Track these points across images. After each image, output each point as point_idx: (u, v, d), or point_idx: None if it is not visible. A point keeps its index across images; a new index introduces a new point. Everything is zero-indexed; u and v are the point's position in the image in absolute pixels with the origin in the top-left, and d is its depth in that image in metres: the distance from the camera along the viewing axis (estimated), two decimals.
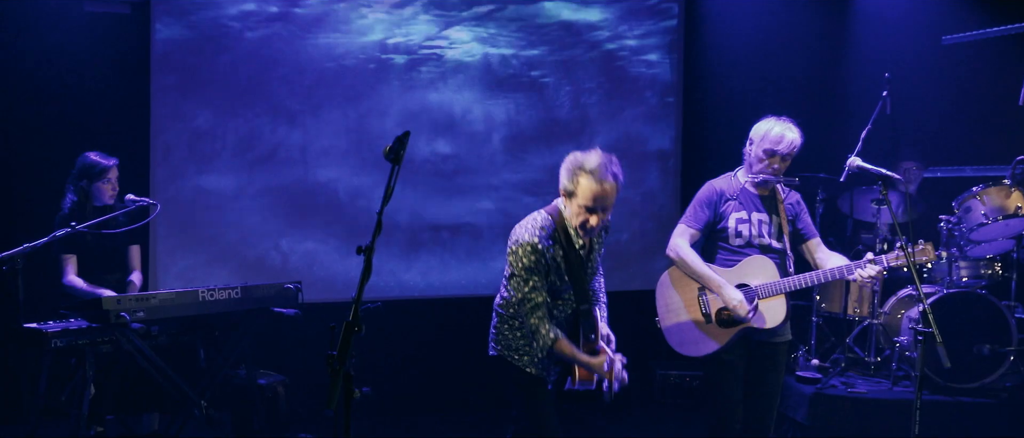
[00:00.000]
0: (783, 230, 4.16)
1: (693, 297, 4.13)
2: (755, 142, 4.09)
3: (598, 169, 3.38)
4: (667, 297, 4.18)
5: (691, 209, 4.18)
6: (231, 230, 6.17)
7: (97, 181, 4.85)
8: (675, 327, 4.15)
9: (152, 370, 4.42)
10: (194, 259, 6.09)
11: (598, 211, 3.42)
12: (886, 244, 5.96)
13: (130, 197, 4.87)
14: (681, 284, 4.15)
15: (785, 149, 4.03)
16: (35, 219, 5.04)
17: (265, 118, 6.21)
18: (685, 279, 4.14)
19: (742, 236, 4.11)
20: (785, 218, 4.18)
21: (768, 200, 4.18)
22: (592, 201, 3.40)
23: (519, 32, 6.74)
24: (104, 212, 4.86)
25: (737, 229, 4.11)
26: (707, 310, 4.10)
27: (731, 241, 4.12)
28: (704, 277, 4.06)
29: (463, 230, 6.62)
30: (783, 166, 4.07)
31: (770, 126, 4.07)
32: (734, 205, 4.12)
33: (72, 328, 4.23)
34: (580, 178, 3.40)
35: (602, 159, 3.41)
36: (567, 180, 3.46)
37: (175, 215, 5.98)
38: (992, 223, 5.49)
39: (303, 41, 6.25)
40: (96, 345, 4.27)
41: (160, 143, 6.01)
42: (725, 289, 4.02)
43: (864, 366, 5.94)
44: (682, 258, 4.10)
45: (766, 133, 4.06)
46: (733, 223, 4.11)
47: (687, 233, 4.14)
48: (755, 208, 4.14)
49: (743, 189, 4.15)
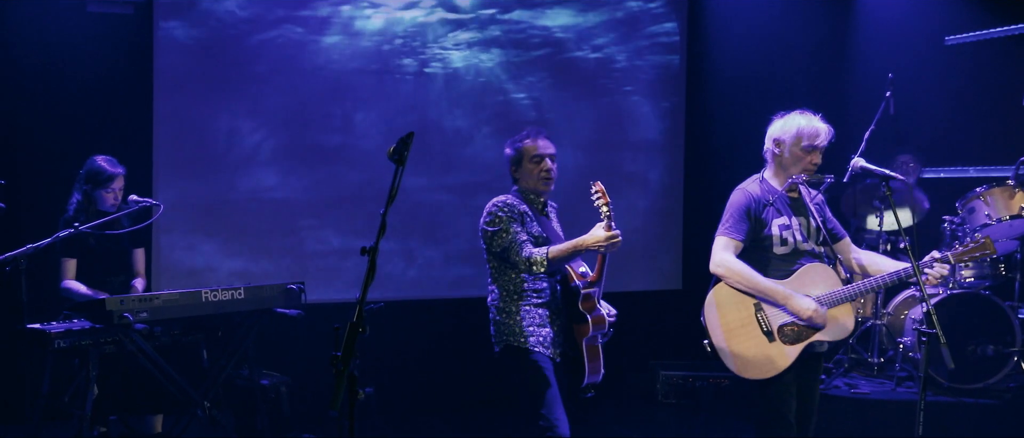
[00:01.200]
0: (819, 232, 3.91)
1: (749, 315, 3.79)
2: (787, 141, 3.83)
3: (528, 134, 4.03)
4: (719, 318, 3.82)
5: (730, 219, 3.86)
6: (234, 230, 6.17)
7: (101, 188, 4.83)
8: (734, 350, 3.78)
9: (155, 371, 4.42)
10: (197, 260, 6.09)
11: (546, 158, 3.98)
12: (889, 245, 5.95)
13: (133, 198, 4.87)
14: (733, 302, 3.81)
15: (824, 141, 3.82)
16: (39, 220, 5.04)
17: (269, 119, 6.21)
18: (737, 296, 3.80)
19: (787, 244, 3.84)
20: (818, 219, 3.92)
21: (798, 202, 3.93)
22: (538, 151, 3.98)
23: (522, 34, 6.74)
24: (108, 215, 4.86)
25: (781, 237, 3.83)
26: (768, 327, 3.77)
27: (775, 250, 3.83)
28: (766, 290, 3.75)
29: (466, 231, 6.62)
30: (820, 161, 3.85)
31: (799, 122, 3.84)
32: (773, 210, 3.84)
33: (75, 329, 4.22)
34: (522, 145, 4.01)
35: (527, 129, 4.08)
36: (512, 153, 4.04)
37: (178, 216, 5.98)
38: (996, 224, 5.49)
39: (308, 42, 6.25)
40: (99, 346, 4.26)
41: (163, 143, 6.01)
42: (794, 299, 3.73)
43: (867, 367, 5.94)
44: (735, 272, 3.77)
45: (799, 130, 3.81)
46: (776, 230, 3.82)
47: (731, 245, 3.82)
48: (793, 212, 3.89)
49: (781, 193, 3.87)
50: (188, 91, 6.04)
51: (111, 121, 5.88)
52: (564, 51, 6.86)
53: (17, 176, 5.72)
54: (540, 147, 3.99)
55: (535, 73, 6.80)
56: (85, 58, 5.87)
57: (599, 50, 6.94)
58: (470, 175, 6.62)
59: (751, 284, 3.76)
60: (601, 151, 7.01)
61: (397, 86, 6.46)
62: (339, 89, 6.33)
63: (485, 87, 6.68)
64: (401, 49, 6.46)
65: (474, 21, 6.64)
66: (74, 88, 5.85)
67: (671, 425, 6.13)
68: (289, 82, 6.23)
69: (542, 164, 3.96)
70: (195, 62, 6.04)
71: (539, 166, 3.97)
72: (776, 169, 3.91)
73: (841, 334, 3.83)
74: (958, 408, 5.38)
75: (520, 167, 4.02)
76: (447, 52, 6.58)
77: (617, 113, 7.05)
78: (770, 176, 3.94)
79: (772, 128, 3.91)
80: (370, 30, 6.39)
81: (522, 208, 3.94)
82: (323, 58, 6.29)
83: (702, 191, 7.23)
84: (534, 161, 3.97)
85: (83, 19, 5.87)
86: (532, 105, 6.80)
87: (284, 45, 6.21)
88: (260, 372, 5.02)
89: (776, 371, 3.75)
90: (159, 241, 5.97)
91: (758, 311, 3.79)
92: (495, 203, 3.95)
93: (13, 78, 5.75)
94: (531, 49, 6.78)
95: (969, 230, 5.62)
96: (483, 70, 6.67)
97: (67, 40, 5.83)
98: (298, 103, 6.26)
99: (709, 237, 6.02)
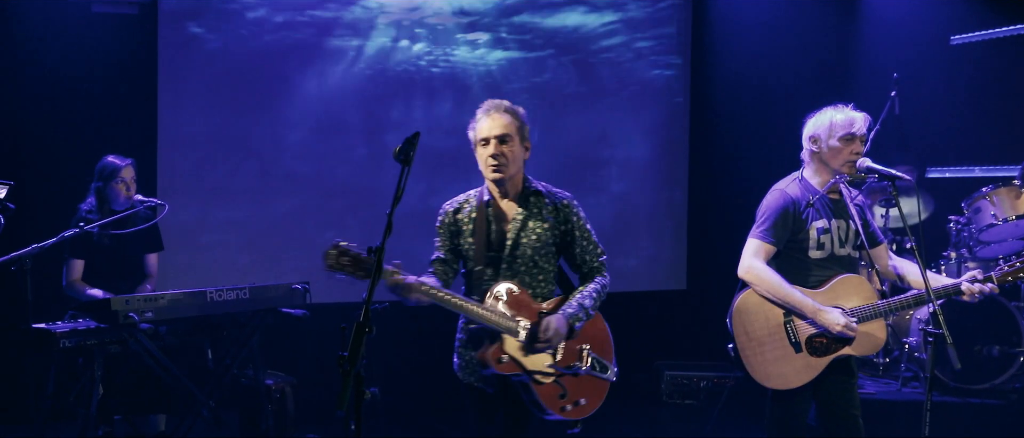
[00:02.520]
0: (857, 236, 3.75)
1: (777, 324, 3.66)
2: (822, 138, 3.68)
3: (480, 110, 3.39)
4: (746, 325, 3.68)
5: (765, 221, 3.68)
6: (240, 229, 6.18)
7: (111, 182, 4.85)
8: (759, 359, 3.66)
9: (160, 370, 4.43)
10: (202, 259, 6.09)
11: (492, 140, 3.30)
12: (894, 244, 5.94)
13: (138, 197, 4.89)
14: (762, 310, 3.67)
15: (862, 127, 3.67)
16: (44, 220, 5.04)
17: (273, 119, 6.21)
18: (766, 303, 3.66)
19: (824, 248, 3.69)
20: (859, 222, 3.74)
21: (838, 204, 3.75)
22: (479, 134, 3.35)
23: (528, 33, 6.74)
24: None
25: (819, 240, 3.67)
26: (796, 339, 3.65)
27: (811, 253, 3.69)
28: (796, 302, 3.60)
29: None
30: (862, 149, 3.68)
31: (831, 114, 3.70)
32: (813, 212, 3.67)
33: (80, 328, 4.23)
34: (474, 123, 3.39)
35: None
36: (471, 137, 3.41)
37: (183, 215, 5.98)
38: (1002, 224, 5.47)
39: (315, 41, 6.25)
40: (104, 345, 4.27)
41: (168, 143, 6.01)
42: (823, 314, 3.58)
43: (873, 367, 5.93)
44: (764, 280, 3.63)
45: (832, 123, 3.67)
46: (814, 233, 3.66)
47: (763, 250, 3.66)
48: (833, 214, 3.71)
49: (822, 194, 3.70)
50: (193, 91, 6.04)
51: (116, 121, 5.89)
52: (569, 52, 6.85)
53: (22, 176, 5.73)
54: (479, 128, 3.35)
55: (540, 74, 6.80)
56: (90, 59, 5.88)
57: (604, 51, 6.93)
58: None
59: (780, 294, 3.62)
60: (606, 151, 7.01)
61: (408, 86, 6.46)
62: (346, 88, 6.33)
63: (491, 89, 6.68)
64: (416, 50, 6.46)
65: (482, 22, 6.63)
66: (79, 88, 5.86)
67: (675, 425, 6.12)
68: (296, 80, 6.23)
69: (487, 149, 3.32)
70: (200, 61, 6.04)
71: (484, 150, 3.33)
72: (817, 167, 3.75)
73: (871, 350, 3.74)
74: (964, 408, 5.37)
75: (475, 151, 3.41)
76: (454, 52, 6.57)
77: (620, 112, 7.04)
78: (810, 175, 3.77)
79: (806, 128, 3.78)
80: (379, 32, 6.38)
81: (463, 214, 3.40)
82: (332, 57, 6.29)
83: (707, 191, 7.23)
84: (480, 146, 3.36)
85: (88, 20, 5.89)
86: (536, 105, 6.80)
87: (292, 44, 6.21)
88: (265, 372, 5.02)
89: (799, 383, 3.66)
90: (164, 240, 5.97)
91: (788, 321, 3.67)
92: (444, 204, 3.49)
93: (19, 79, 5.76)
94: (536, 50, 6.78)
95: (975, 230, 5.60)
96: (486, 70, 6.67)
97: (72, 41, 5.84)
98: (303, 102, 6.26)
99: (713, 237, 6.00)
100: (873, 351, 3.77)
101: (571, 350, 3.37)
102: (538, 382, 3.29)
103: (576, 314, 3.33)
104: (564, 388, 3.34)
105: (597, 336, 3.48)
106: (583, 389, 3.41)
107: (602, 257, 3.49)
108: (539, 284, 3.39)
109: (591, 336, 3.44)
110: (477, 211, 3.39)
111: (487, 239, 3.37)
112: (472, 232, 3.38)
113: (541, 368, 3.29)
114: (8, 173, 4.52)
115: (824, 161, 3.71)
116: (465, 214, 3.42)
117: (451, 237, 3.42)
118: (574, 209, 3.43)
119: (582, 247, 3.44)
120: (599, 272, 3.47)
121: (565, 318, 3.29)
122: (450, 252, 3.43)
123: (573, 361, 3.37)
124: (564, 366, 3.34)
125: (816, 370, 3.66)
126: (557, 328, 3.25)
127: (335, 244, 2.99)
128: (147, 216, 4.95)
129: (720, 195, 6.99)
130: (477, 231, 3.37)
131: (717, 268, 4.90)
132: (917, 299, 3.69)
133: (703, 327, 5.95)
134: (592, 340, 3.44)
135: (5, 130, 5.76)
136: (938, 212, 6.18)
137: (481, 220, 3.37)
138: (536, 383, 3.29)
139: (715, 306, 4.25)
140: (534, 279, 3.38)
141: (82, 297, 4.69)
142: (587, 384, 3.42)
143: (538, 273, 3.39)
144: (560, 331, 3.26)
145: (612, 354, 3.53)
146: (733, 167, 6.95)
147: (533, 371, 3.27)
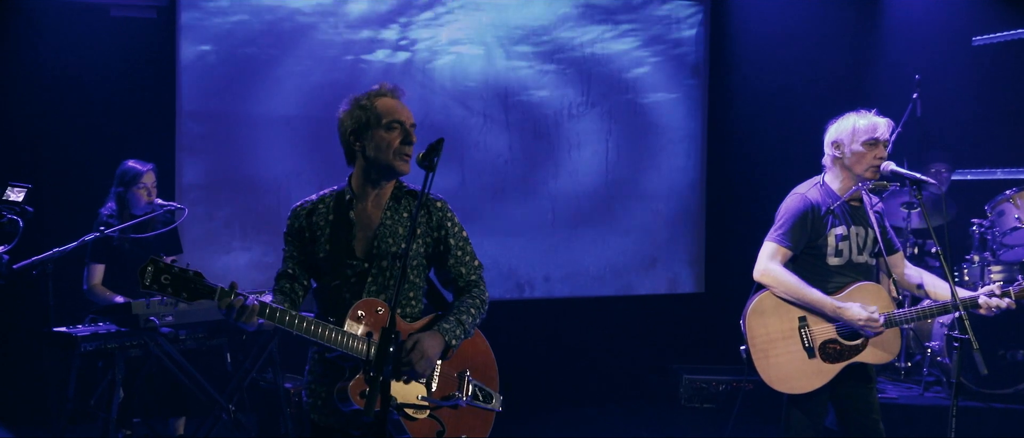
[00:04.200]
0: (875, 244, 3.73)
1: (792, 328, 3.66)
2: (845, 143, 3.65)
3: (383, 87, 2.88)
4: (760, 327, 3.68)
5: (783, 226, 3.67)
6: (260, 231, 6.18)
7: (132, 187, 4.87)
8: (770, 361, 3.66)
9: (180, 374, 4.44)
10: (222, 262, 6.10)
11: (404, 125, 2.81)
12: (917, 248, 5.89)
13: (157, 201, 4.89)
14: (778, 312, 3.67)
15: (885, 133, 3.63)
16: (64, 223, 5.07)
17: (293, 119, 6.21)
18: (782, 307, 3.66)
19: (841, 255, 3.68)
20: (878, 229, 3.73)
21: (858, 211, 3.74)
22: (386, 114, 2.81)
23: (536, 22, 6.72)
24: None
25: (837, 247, 3.66)
26: (810, 344, 3.65)
27: (829, 260, 3.68)
28: (815, 301, 3.59)
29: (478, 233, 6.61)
30: (885, 154, 3.64)
31: (854, 120, 3.67)
32: (833, 218, 3.66)
33: (101, 332, 4.24)
34: (373, 101, 2.83)
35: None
36: (346, 119, 2.86)
37: (203, 218, 5.99)
38: None
39: (334, 40, 6.25)
40: (125, 349, 4.28)
41: (187, 145, 6.03)
42: (845, 308, 3.57)
43: (894, 371, 5.88)
44: (781, 282, 3.62)
45: (854, 128, 3.64)
46: (833, 240, 3.66)
47: (780, 254, 3.65)
48: (852, 221, 3.70)
49: (842, 200, 3.68)
50: (212, 93, 6.06)
51: (135, 124, 5.90)
52: (585, 52, 6.83)
53: (42, 180, 5.76)
54: (388, 108, 2.82)
55: (556, 74, 6.78)
56: (109, 62, 5.90)
57: (622, 51, 6.91)
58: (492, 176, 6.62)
59: (799, 294, 3.61)
60: (622, 155, 6.98)
61: (424, 87, 6.45)
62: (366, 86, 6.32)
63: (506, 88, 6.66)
64: (427, 50, 6.46)
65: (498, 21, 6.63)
66: (98, 92, 5.88)
67: (694, 428, 6.08)
68: (315, 80, 6.23)
69: (393, 134, 2.80)
70: (219, 64, 6.05)
71: (390, 135, 2.79)
72: (839, 173, 3.71)
73: (885, 358, 3.71)
74: (988, 413, 5.32)
75: (372, 131, 2.81)
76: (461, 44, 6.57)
77: (639, 115, 7.01)
78: (831, 180, 3.74)
79: (828, 134, 3.74)
80: (399, 30, 6.38)
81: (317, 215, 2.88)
82: (350, 54, 6.29)
83: (724, 195, 7.20)
84: (383, 130, 2.79)
85: (106, 24, 5.91)
86: (551, 106, 6.78)
87: (311, 45, 6.21)
88: (284, 375, 5.02)
89: (810, 388, 3.64)
90: (184, 244, 5.98)
91: (802, 326, 3.66)
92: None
93: (38, 83, 5.79)
94: (552, 50, 6.76)
95: (998, 233, 5.55)
96: (504, 71, 6.66)
97: (91, 45, 5.86)
98: (322, 103, 6.26)
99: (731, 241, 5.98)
100: (887, 359, 3.74)
101: (448, 378, 2.85)
102: (410, 417, 2.74)
103: (452, 329, 2.79)
104: (441, 424, 2.80)
105: (478, 359, 2.96)
106: (464, 424, 2.87)
107: (479, 270, 3.00)
108: (409, 301, 2.88)
109: (471, 359, 2.93)
110: (334, 214, 2.87)
111: (347, 247, 2.83)
112: (329, 239, 2.84)
113: (413, 400, 2.76)
114: (27, 177, 4.53)
115: (846, 167, 3.68)
116: (320, 217, 2.87)
117: (302, 246, 2.88)
118: (448, 213, 2.94)
119: (457, 257, 2.93)
120: (477, 285, 2.97)
121: (439, 334, 2.76)
122: (299, 265, 2.89)
123: (451, 390, 2.85)
124: (440, 397, 2.81)
125: (827, 377, 3.64)
126: (427, 349, 2.71)
127: (152, 259, 2.62)
128: (167, 220, 4.96)
129: (738, 198, 6.96)
130: (334, 238, 2.84)
131: (735, 271, 4.86)
132: (938, 310, 3.66)
133: (721, 330, 5.91)
134: (473, 364, 2.93)
135: (25, 134, 5.79)
136: (961, 215, 6.13)
137: (340, 225, 2.85)
138: (407, 419, 2.74)
139: (733, 309, 4.22)
140: (404, 295, 2.86)
141: (104, 302, 4.71)
142: (469, 417, 2.88)
143: (409, 288, 2.87)
144: (431, 350, 2.72)
145: (497, 380, 3.00)
146: (751, 169, 6.91)
147: (403, 405, 2.72)
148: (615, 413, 6.34)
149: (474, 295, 2.94)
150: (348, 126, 2.83)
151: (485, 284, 3.01)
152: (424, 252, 2.90)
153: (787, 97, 6.78)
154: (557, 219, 6.85)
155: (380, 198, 2.87)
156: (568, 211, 6.87)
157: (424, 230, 2.88)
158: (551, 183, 6.81)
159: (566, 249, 6.88)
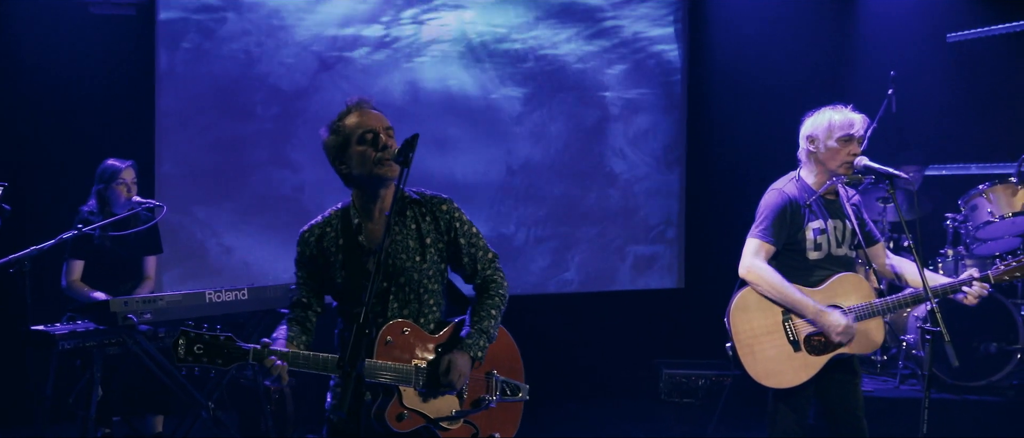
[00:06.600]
0: (854, 236, 3.77)
1: (776, 322, 3.68)
2: (820, 138, 3.68)
3: (350, 105, 2.87)
4: (744, 323, 3.70)
5: (764, 221, 3.70)
6: (238, 229, 6.17)
7: (112, 184, 4.86)
8: (756, 357, 3.68)
9: (159, 372, 4.43)
10: (201, 259, 6.10)
11: (379, 133, 2.80)
12: (891, 242, 5.95)
13: (136, 199, 4.88)
14: (760, 308, 3.69)
15: (860, 130, 3.67)
16: (42, 221, 5.04)
17: (272, 118, 6.21)
18: (764, 302, 3.68)
19: (820, 249, 3.71)
20: (855, 222, 3.77)
21: (834, 204, 3.78)
22: (358, 127, 2.81)
23: (521, 18, 6.73)
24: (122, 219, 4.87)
25: (815, 241, 3.70)
26: (794, 337, 3.66)
27: (809, 254, 3.71)
28: (796, 302, 3.63)
29: None
30: (859, 150, 3.68)
31: (830, 115, 3.70)
32: (809, 212, 3.69)
33: (79, 330, 4.23)
34: (343, 121, 2.83)
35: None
36: (328, 145, 2.86)
37: (182, 216, 5.98)
38: (999, 221, 5.49)
39: (314, 38, 6.25)
40: (103, 347, 4.27)
41: (166, 143, 6.01)
42: (824, 315, 3.61)
43: (870, 365, 5.93)
44: (765, 279, 3.65)
45: (830, 123, 3.67)
46: (810, 234, 3.69)
47: (763, 249, 3.68)
48: (829, 214, 3.74)
49: (817, 194, 3.72)
50: (191, 91, 6.04)
51: (114, 122, 5.88)
52: (563, 50, 6.85)
53: (20, 178, 5.73)
54: (360, 122, 2.82)
55: (533, 80, 6.80)
56: (88, 60, 5.87)
57: (600, 50, 6.93)
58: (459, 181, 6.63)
59: (781, 294, 3.64)
60: (601, 151, 7.01)
61: (408, 87, 6.46)
62: (349, 87, 6.32)
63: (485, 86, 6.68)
64: (416, 53, 6.46)
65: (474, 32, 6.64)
66: (77, 90, 5.85)
67: (676, 423, 6.13)
68: (294, 78, 6.23)
69: (366, 146, 2.80)
70: (197, 62, 6.04)
71: (363, 147, 2.80)
72: (813, 167, 3.75)
73: (869, 348, 3.74)
74: (962, 406, 5.38)
75: (345, 151, 2.83)
76: (443, 32, 6.58)
77: (618, 113, 7.04)
78: (806, 175, 3.77)
79: (804, 127, 3.77)
80: (380, 24, 6.39)
81: (328, 239, 2.89)
82: (330, 53, 6.29)
83: (703, 190, 7.24)
84: (355, 144, 2.81)
85: (85, 21, 5.88)
86: (530, 107, 6.80)
87: (292, 41, 6.20)
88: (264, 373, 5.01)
89: (798, 382, 3.67)
90: (163, 241, 5.97)
91: (786, 319, 3.68)
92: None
93: (16, 80, 5.76)
94: (531, 48, 6.78)
95: (972, 228, 5.61)
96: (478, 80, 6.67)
97: (70, 42, 5.83)
98: (302, 101, 6.26)
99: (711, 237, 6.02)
100: (871, 350, 3.78)
101: (477, 382, 2.91)
102: (445, 428, 2.83)
103: (476, 343, 2.84)
104: (476, 428, 2.89)
105: (503, 354, 3.01)
106: (495, 421, 2.94)
107: (494, 261, 3.02)
108: (430, 310, 2.90)
109: (496, 357, 2.97)
110: (344, 238, 2.87)
111: (364, 272, 2.81)
112: (343, 265, 2.84)
113: (447, 414, 2.84)
114: (5, 175, 4.51)
115: (821, 161, 3.71)
116: (330, 242, 2.87)
117: (316, 273, 2.88)
118: (455, 213, 2.95)
119: (471, 255, 2.95)
120: (494, 279, 3.00)
121: (465, 352, 2.81)
122: (312, 293, 2.90)
123: (481, 393, 2.91)
124: (471, 404, 2.89)
125: (813, 369, 3.67)
126: (461, 368, 2.78)
127: (182, 331, 2.59)
128: (146, 218, 4.95)
129: (717, 193, 7.00)
130: (348, 262, 2.84)
131: (714, 266, 4.91)
132: (915, 298, 3.69)
133: (701, 325, 5.95)
134: (498, 361, 2.98)
135: (2, 132, 5.76)
136: (935, 210, 6.19)
137: (351, 247, 2.85)
138: (443, 430, 2.83)
139: (713, 304, 4.26)
140: (425, 306, 2.88)
141: (83, 298, 4.69)
142: (499, 414, 2.96)
143: (429, 297, 2.88)
144: (464, 371, 2.79)
145: (521, 370, 3.07)
146: (730, 165, 6.95)
147: (439, 419, 2.82)
148: (596, 408, 6.37)
149: (491, 293, 2.97)
150: (332, 152, 2.85)
151: (502, 273, 3.02)
152: (439, 260, 2.91)
153: (765, 93, 6.82)
154: (537, 215, 6.87)
155: (384, 210, 2.86)
156: (547, 207, 6.90)
157: (434, 237, 2.89)
158: (531, 180, 6.83)
159: (546, 245, 6.91)
